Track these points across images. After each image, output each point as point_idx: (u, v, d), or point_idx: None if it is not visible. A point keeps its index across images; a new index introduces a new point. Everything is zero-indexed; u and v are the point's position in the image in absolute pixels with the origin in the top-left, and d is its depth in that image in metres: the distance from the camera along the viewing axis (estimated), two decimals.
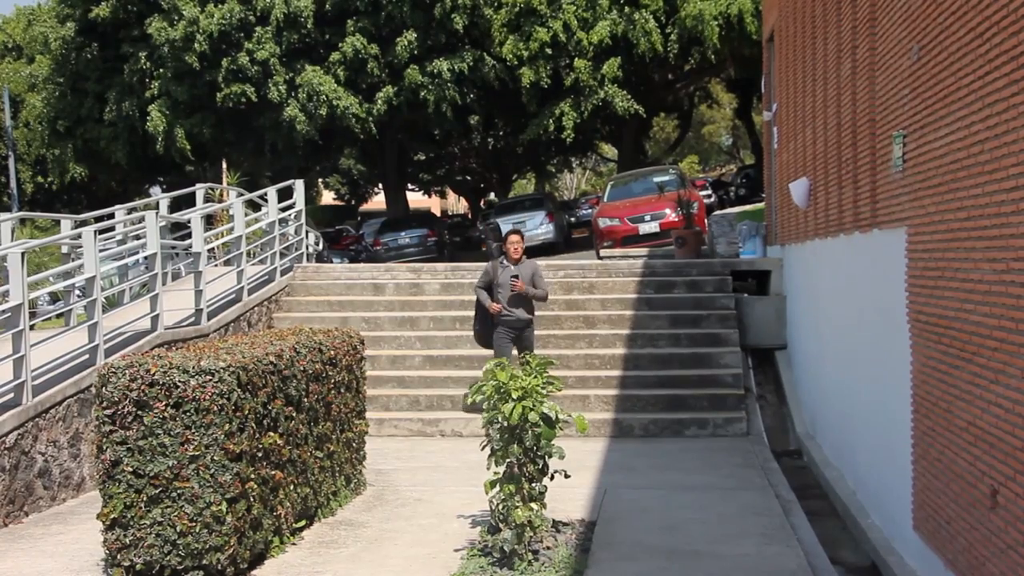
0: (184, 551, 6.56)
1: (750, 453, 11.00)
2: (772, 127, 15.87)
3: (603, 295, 15.03)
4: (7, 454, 8.76)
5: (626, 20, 28.74)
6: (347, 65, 29.61)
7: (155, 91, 30.39)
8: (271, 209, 16.58)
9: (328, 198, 68.67)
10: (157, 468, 6.59)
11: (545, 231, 29.21)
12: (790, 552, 7.15)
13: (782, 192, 14.38)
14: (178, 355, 6.95)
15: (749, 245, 16.89)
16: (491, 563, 6.91)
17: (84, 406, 9.89)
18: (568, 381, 12.52)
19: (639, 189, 24.43)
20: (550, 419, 6.95)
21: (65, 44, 32.59)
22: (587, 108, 29.15)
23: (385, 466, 10.35)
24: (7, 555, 7.75)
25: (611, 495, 8.94)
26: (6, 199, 41.67)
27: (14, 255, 9.45)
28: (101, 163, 35.16)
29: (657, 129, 59.51)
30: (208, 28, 28.77)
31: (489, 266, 12.21)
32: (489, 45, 30.00)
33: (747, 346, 14.16)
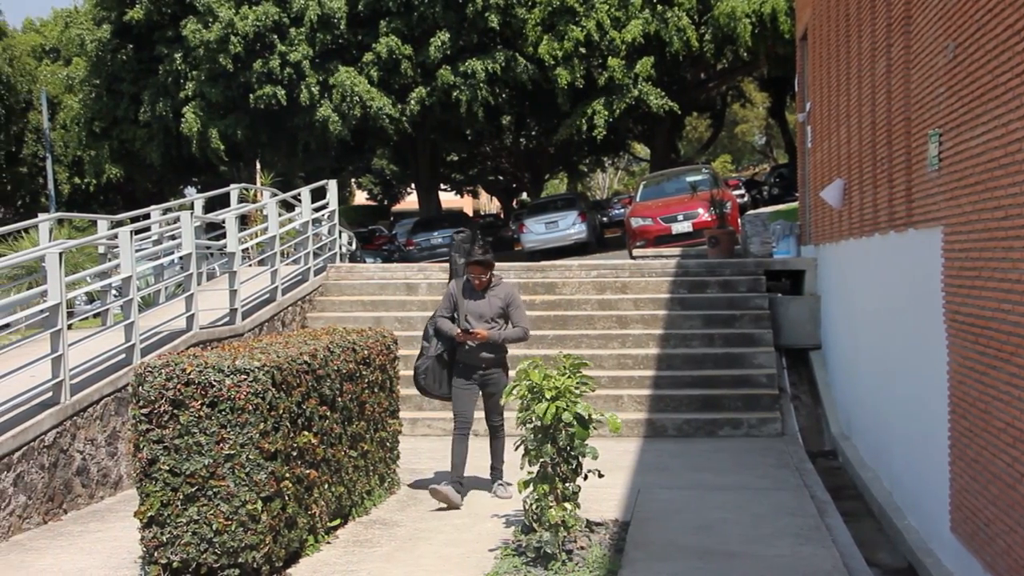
0: (220, 549, 6.61)
1: (784, 453, 10.94)
2: (806, 126, 15.78)
3: (636, 295, 14.99)
4: (46, 452, 8.85)
5: (659, 19, 28.68)
6: (380, 66, 29.69)
7: (189, 92, 30.57)
8: (304, 209, 16.66)
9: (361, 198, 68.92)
10: (193, 467, 6.63)
11: (577, 231, 29.17)
12: (825, 553, 7.11)
13: (816, 191, 14.30)
14: (213, 355, 6.99)
15: (783, 245, 16.80)
16: (525, 563, 6.91)
17: (121, 405, 9.97)
18: (601, 381, 12.51)
19: (672, 189, 24.34)
20: (584, 419, 6.95)
21: (101, 46, 32.84)
22: (619, 107, 29.10)
23: (419, 465, 10.37)
24: (47, 552, 7.84)
25: (645, 495, 8.92)
26: (44, 200, 42.06)
27: (52, 255, 9.54)
28: (136, 164, 35.43)
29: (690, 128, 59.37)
30: (243, 30, 28.93)
31: (452, 287, 9.22)
32: (521, 45, 30.00)
33: (781, 346, 14.09)
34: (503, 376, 9.08)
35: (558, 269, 16.29)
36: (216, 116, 30.57)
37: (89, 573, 7.22)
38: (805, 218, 16.28)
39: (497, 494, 9.03)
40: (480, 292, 9.00)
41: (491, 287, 9.06)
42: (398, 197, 64.27)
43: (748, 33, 28.03)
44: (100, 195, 46.74)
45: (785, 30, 27.57)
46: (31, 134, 42.43)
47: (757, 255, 16.68)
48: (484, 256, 9.02)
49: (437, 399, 9.42)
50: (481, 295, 9.00)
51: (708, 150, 59.20)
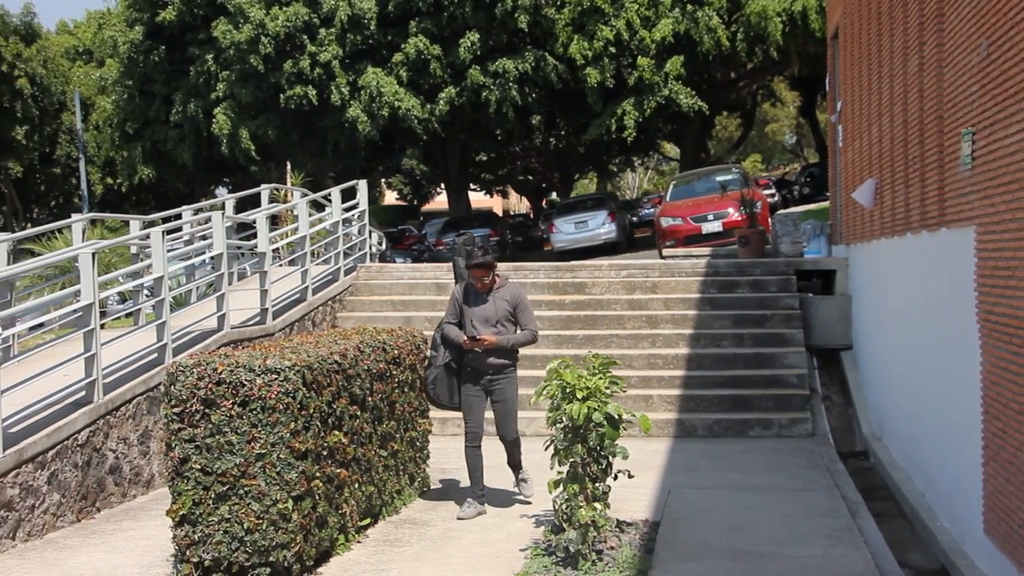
0: (251, 548, 6.64)
1: (815, 454, 10.89)
2: (837, 125, 15.70)
3: (666, 295, 14.96)
4: (79, 451, 8.92)
5: (689, 18, 28.59)
6: (409, 66, 29.75)
7: (220, 93, 30.74)
8: (335, 209, 16.72)
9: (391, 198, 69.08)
10: (224, 466, 6.67)
11: (607, 231, 29.14)
12: (857, 554, 7.07)
13: (847, 191, 14.22)
14: (244, 354, 7.03)
15: (813, 244, 16.72)
16: (555, 563, 6.91)
17: (153, 404, 10.04)
18: (631, 381, 12.49)
19: (702, 188, 24.27)
20: (614, 419, 6.94)
21: (133, 47, 33.07)
22: (649, 107, 29.03)
23: (448, 465, 10.39)
24: (80, 550, 7.90)
25: (675, 495, 8.90)
26: (77, 200, 42.42)
27: (85, 255, 9.61)
28: (168, 164, 35.65)
29: (719, 128, 59.14)
30: (273, 30, 29.06)
31: (456, 291, 8.85)
32: (551, 45, 29.98)
33: (812, 346, 14.02)
34: (512, 382, 8.64)
35: (588, 269, 16.27)
36: (247, 116, 30.73)
37: (122, 571, 7.27)
38: (836, 217, 16.19)
39: (521, 491, 8.97)
40: (484, 295, 8.59)
41: (496, 289, 8.64)
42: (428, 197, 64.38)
43: (779, 32, 27.91)
44: (132, 195, 47.10)
45: (816, 28, 27.43)
46: (64, 135, 42.79)
47: (787, 255, 16.61)
48: (484, 258, 8.54)
49: (448, 410, 9.01)
50: (485, 298, 8.58)
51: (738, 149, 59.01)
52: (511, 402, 8.60)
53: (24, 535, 8.17)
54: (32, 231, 14.10)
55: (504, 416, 8.60)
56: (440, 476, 9.88)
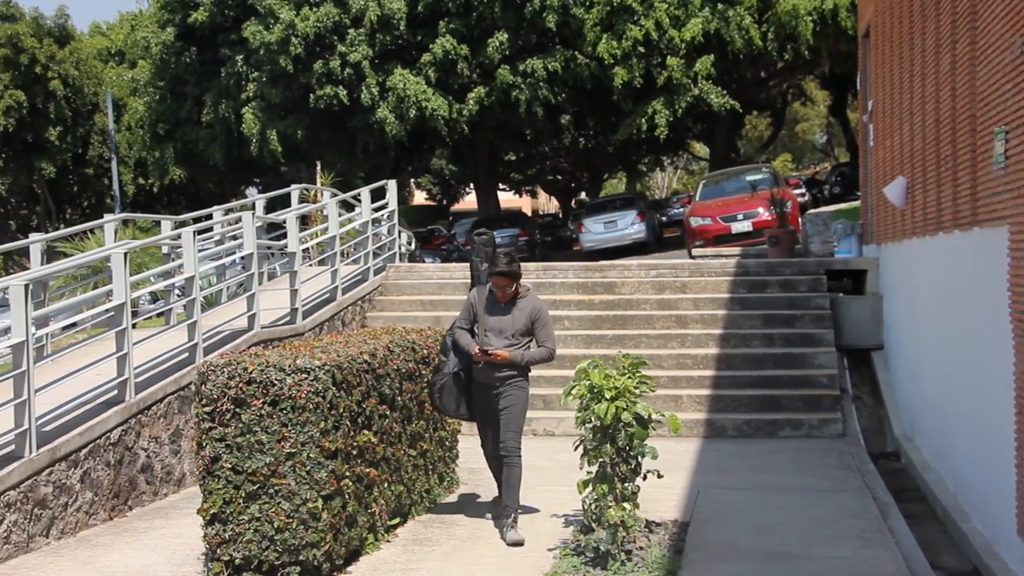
0: (281, 547, 6.67)
1: (846, 455, 10.83)
2: (868, 124, 15.60)
3: (695, 295, 14.92)
4: (112, 449, 8.99)
5: (719, 17, 28.48)
6: (437, 66, 29.79)
7: (250, 94, 30.90)
8: (364, 209, 16.77)
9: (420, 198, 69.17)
10: (255, 465, 6.71)
11: (636, 230, 29.09)
12: (888, 556, 7.03)
13: (878, 190, 14.13)
14: (274, 354, 7.07)
15: (844, 244, 16.62)
16: (584, 563, 6.90)
17: (184, 403, 10.10)
18: (660, 381, 12.43)
19: (731, 188, 24.17)
20: (643, 419, 6.93)
21: (165, 49, 33.30)
22: (680, 106, 28.96)
23: (478, 465, 10.36)
24: (112, 548, 7.97)
25: (704, 496, 8.87)
26: (109, 201, 42.74)
27: (117, 255, 9.69)
28: (199, 165, 35.88)
29: (749, 127, 58.93)
30: (303, 31, 29.17)
31: (472, 295, 8.28)
32: (580, 44, 29.95)
33: (842, 346, 13.94)
34: (519, 389, 8.02)
35: (617, 269, 16.25)
36: (276, 117, 30.86)
37: (154, 569, 7.32)
38: (867, 217, 16.10)
39: (505, 537, 7.74)
40: (504, 305, 7.99)
41: (517, 300, 8.01)
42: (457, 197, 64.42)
43: (809, 31, 27.74)
44: (164, 196, 47.43)
45: (848, 27, 27.25)
46: (97, 136, 43.15)
47: (818, 254, 16.52)
48: (509, 267, 7.85)
49: (455, 419, 8.74)
50: (505, 308, 7.98)
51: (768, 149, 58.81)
52: (516, 408, 7.98)
53: (58, 533, 8.24)
54: (65, 231, 14.23)
55: (507, 422, 7.95)
56: (469, 476, 9.89)
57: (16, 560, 7.68)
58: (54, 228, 40.28)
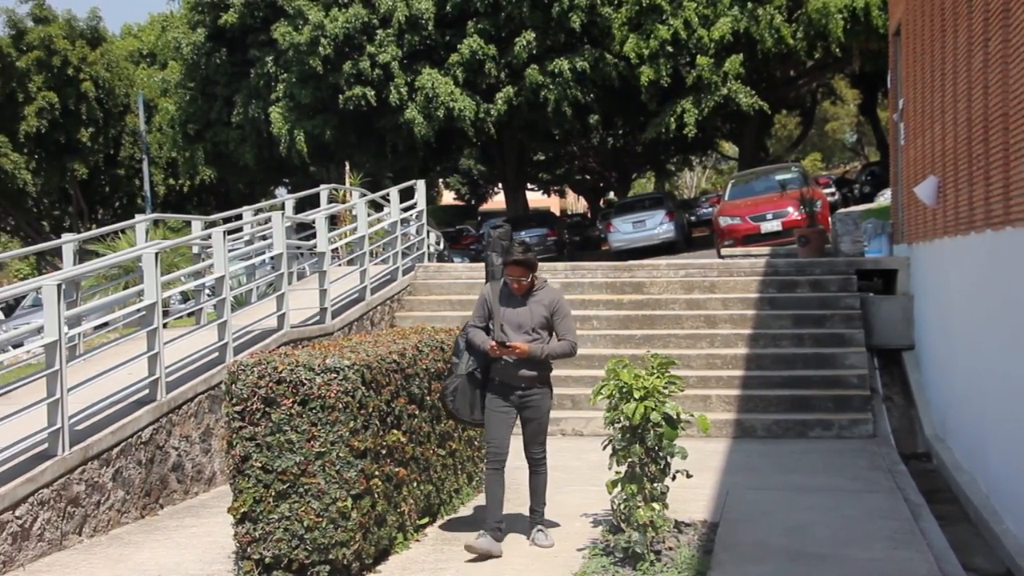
0: (311, 546, 6.70)
1: (876, 455, 10.77)
2: (899, 123, 15.51)
3: (724, 294, 14.87)
4: (143, 448, 9.05)
5: (748, 16, 28.37)
6: (465, 66, 29.80)
7: (280, 94, 31.01)
8: (393, 209, 16.81)
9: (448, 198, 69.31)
10: (285, 464, 6.74)
11: (665, 230, 29.03)
12: (920, 557, 6.98)
13: (909, 190, 14.04)
14: (304, 353, 7.10)
15: (874, 244, 16.53)
16: (613, 563, 6.90)
17: (214, 402, 10.16)
18: (689, 381, 12.41)
19: (761, 187, 24.09)
20: (672, 419, 6.92)
21: (196, 50, 33.47)
22: (707, 105, 28.86)
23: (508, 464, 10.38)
24: (144, 546, 8.02)
25: (734, 496, 8.84)
26: (140, 201, 43.03)
27: (148, 255, 9.75)
28: (229, 165, 36.05)
29: (779, 127, 58.67)
30: (332, 31, 29.26)
31: (486, 291, 7.89)
32: (608, 44, 29.90)
33: (873, 346, 13.86)
34: (546, 398, 7.70)
35: (646, 268, 16.22)
36: (304, 117, 30.96)
37: (185, 567, 7.37)
38: (898, 216, 16.00)
39: (536, 542, 7.66)
40: (520, 298, 7.61)
41: (533, 292, 7.64)
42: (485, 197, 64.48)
43: (840, 29, 27.58)
44: (194, 196, 47.70)
45: (879, 25, 27.07)
46: (128, 137, 43.42)
47: (848, 254, 16.43)
48: (525, 255, 7.52)
49: (468, 425, 8.16)
50: (521, 301, 7.60)
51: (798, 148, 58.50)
52: (544, 419, 7.73)
53: (90, 531, 8.31)
54: (97, 232, 14.33)
55: (535, 434, 7.73)
56: None
57: (50, 557, 7.75)
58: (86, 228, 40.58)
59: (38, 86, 38.88)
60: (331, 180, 30.26)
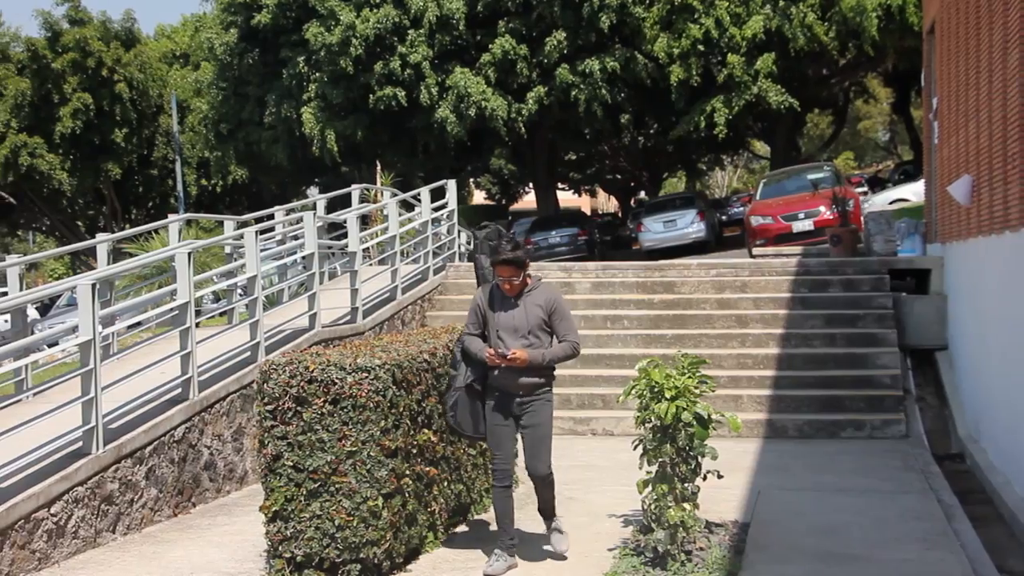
0: (342, 544, 6.73)
1: (909, 456, 10.69)
2: (932, 122, 15.40)
3: (756, 294, 14.81)
4: (176, 447, 9.11)
5: (780, 14, 28.22)
6: (497, 66, 29.82)
7: (311, 94, 31.13)
8: (424, 209, 16.85)
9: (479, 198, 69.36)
10: (316, 463, 6.77)
11: (696, 229, 28.95)
12: (953, 559, 6.93)
13: (942, 189, 13.94)
14: (335, 352, 7.12)
15: (907, 243, 16.42)
16: (643, 563, 6.89)
17: (246, 402, 10.21)
18: (720, 381, 12.36)
19: (793, 186, 23.98)
20: (703, 419, 6.89)
21: (228, 50, 33.63)
22: (738, 104, 28.74)
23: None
24: (177, 544, 8.08)
25: (765, 496, 8.81)
26: (173, 201, 43.32)
27: (181, 255, 9.82)
28: (261, 165, 36.22)
29: (811, 125, 58.35)
30: (363, 32, 29.34)
31: (479, 295, 7.34)
32: (640, 43, 29.82)
33: (906, 346, 13.77)
34: (547, 404, 7.15)
35: (677, 268, 16.19)
36: (336, 117, 31.06)
37: (217, 565, 7.42)
38: (931, 216, 15.89)
39: (552, 543, 7.44)
40: (513, 300, 7.10)
41: (526, 292, 7.13)
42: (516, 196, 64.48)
43: (875, 27, 27.35)
44: (226, 196, 47.97)
45: (914, 22, 26.83)
46: (161, 137, 43.74)
47: (881, 253, 16.33)
48: (514, 253, 6.99)
49: (473, 440, 7.66)
50: (515, 303, 7.08)
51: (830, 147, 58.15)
52: (544, 427, 7.11)
53: (124, 528, 8.37)
54: (130, 232, 14.46)
55: (535, 444, 7.11)
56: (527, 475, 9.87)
57: (84, 555, 7.82)
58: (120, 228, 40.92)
59: (73, 87, 39.21)
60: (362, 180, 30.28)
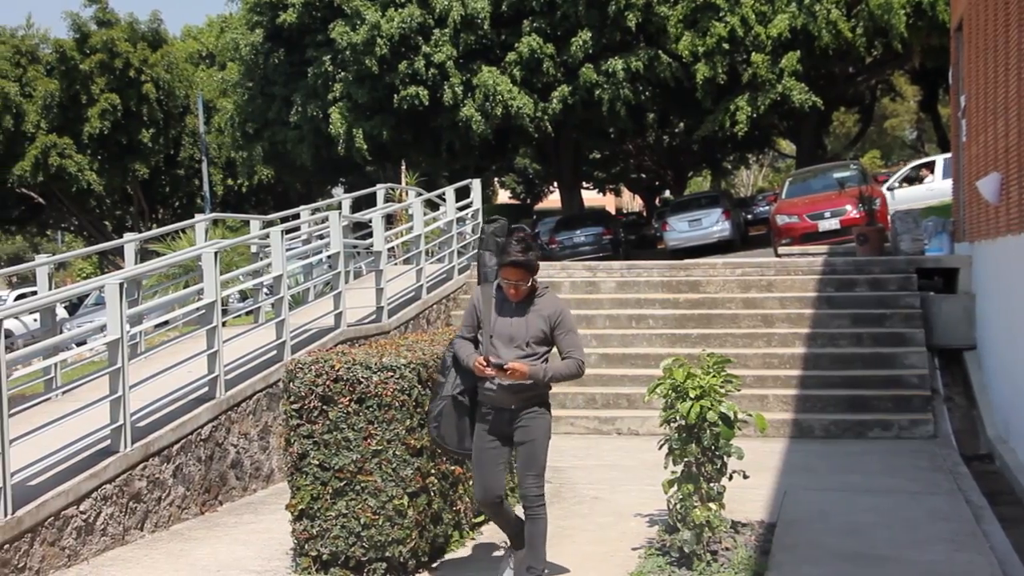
0: (368, 543, 6.75)
1: (937, 456, 10.62)
2: (960, 120, 15.30)
3: (782, 293, 14.75)
4: (203, 445, 9.16)
5: (806, 12, 28.09)
6: (523, 65, 29.83)
7: (337, 94, 31.21)
8: (449, 208, 16.87)
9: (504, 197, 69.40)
10: (342, 461, 6.79)
11: (721, 228, 28.86)
12: (982, 560, 6.88)
13: (971, 187, 13.85)
14: (361, 352, 7.15)
15: (935, 242, 16.31)
16: (669, 563, 6.87)
17: (273, 400, 10.25)
18: (746, 380, 12.32)
19: (818, 185, 23.85)
20: (729, 418, 6.87)
21: (254, 50, 33.76)
22: (763, 103, 28.63)
23: (562, 463, 10.40)
24: (204, 542, 8.12)
25: (791, 497, 8.77)
26: (199, 201, 43.53)
27: (208, 255, 9.87)
28: (287, 165, 36.34)
29: (837, 124, 58.06)
30: (388, 31, 29.40)
31: (477, 294, 6.49)
32: (665, 42, 29.76)
33: (934, 346, 13.67)
34: (542, 419, 6.33)
35: (702, 267, 16.15)
36: (362, 117, 31.14)
37: (244, 563, 7.45)
38: (959, 214, 15.78)
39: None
40: (515, 306, 6.25)
41: (532, 300, 6.29)
42: (541, 196, 64.50)
43: (903, 24, 27.17)
44: (252, 196, 48.19)
45: (944, 20, 26.62)
46: (188, 137, 43.98)
47: (908, 252, 16.23)
48: (524, 256, 6.12)
49: (457, 456, 6.84)
50: (517, 310, 6.24)
51: (856, 146, 57.87)
52: (539, 443, 6.31)
53: (151, 526, 8.42)
54: (158, 231, 14.54)
55: (527, 461, 6.31)
56: (553, 474, 9.87)
57: (112, 552, 7.87)
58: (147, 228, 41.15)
59: (101, 88, 39.47)
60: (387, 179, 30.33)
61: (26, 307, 8.82)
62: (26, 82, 39.96)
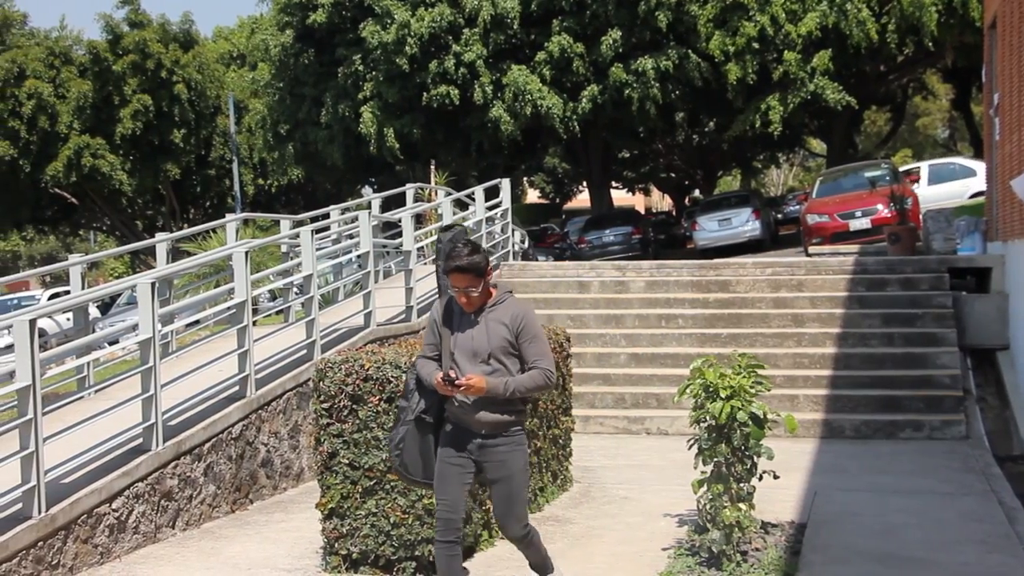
0: (397, 542, 6.77)
1: (969, 457, 10.55)
2: (993, 118, 15.18)
3: (812, 293, 14.69)
4: (233, 444, 9.21)
5: (837, 11, 27.94)
6: (552, 64, 29.82)
7: (367, 93, 31.30)
8: (478, 208, 16.89)
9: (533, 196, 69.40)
10: (371, 461, 6.82)
11: (751, 228, 28.73)
12: (1015, 563, 6.83)
13: (1004, 186, 13.73)
14: (390, 351, 7.17)
15: (967, 241, 16.18)
16: (698, 563, 6.86)
17: (302, 399, 10.30)
18: (776, 380, 12.25)
19: (849, 184, 23.71)
20: (759, 419, 6.85)
21: (284, 50, 33.88)
22: (794, 102, 28.50)
23: (591, 463, 10.40)
24: (235, 540, 8.18)
25: (821, 497, 8.74)
26: (230, 201, 43.75)
27: (239, 254, 9.93)
28: (317, 165, 36.45)
29: (868, 123, 57.71)
30: (418, 31, 29.47)
31: (436, 309, 5.89)
32: (694, 41, 29.67)
33: (966, 346, 13.58)
34: (517, 451, 5.68)
35: (732, 267, 16.09)
36: (392, 116, 31.22)
37: (274, 561, 7.49)
38: (992, 213, 15.66)
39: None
40: (472, 316, 5.70)
41: (489, 307, 5.75)
42: (570, 195, 64.46)
43: (935, 22, 26.96)
44: (282, 195, 48.40)
45: (976, 17, 26.40)
46: (219, 138, 44.20)
47: (940, 252, 16.12)
48: (470, 258, 5.61)
49: (421, 487, 6.12)
50: (475, 320, 5.69)
51: (887, 144, 57.50)
52: (516, 480, 5.67)
53: (183, 524, 8.48)
54: (189, 231, 14.63)
55: (506, 503, 5.71)
56: (583, 474, 9.89)
57: (144, 550, 7.93)
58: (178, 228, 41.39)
59: (133, 89, 39.71)
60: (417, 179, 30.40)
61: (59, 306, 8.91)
62: (60, 83, 40.21)
